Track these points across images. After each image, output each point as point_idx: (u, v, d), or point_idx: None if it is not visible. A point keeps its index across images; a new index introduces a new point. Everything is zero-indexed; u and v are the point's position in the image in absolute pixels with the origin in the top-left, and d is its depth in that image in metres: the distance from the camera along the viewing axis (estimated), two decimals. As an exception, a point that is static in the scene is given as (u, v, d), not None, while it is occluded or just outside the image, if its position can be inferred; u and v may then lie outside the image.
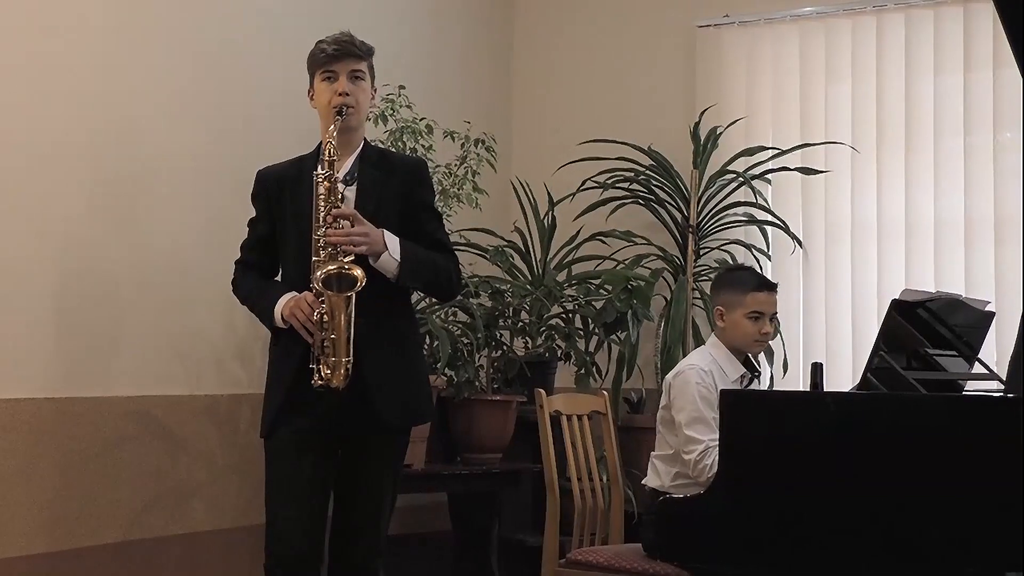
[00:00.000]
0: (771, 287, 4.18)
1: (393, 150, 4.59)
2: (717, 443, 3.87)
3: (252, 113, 4.83)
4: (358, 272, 3.41)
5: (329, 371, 3.43)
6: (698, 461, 3.95)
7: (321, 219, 3.45)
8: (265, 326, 3.64)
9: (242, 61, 4.82)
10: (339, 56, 3.58)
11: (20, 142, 4.06)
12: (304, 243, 3.50)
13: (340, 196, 3.48)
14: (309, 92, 3.66)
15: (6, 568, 3.95)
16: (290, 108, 4.74)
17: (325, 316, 3.42)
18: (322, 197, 3.47)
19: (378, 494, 3.60)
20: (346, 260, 3.43)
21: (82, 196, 4.24)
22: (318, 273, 3.42)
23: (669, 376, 4.16)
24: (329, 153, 3.48)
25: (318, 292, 3.43)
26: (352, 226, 3.45)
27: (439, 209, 4.04)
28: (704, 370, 4.05)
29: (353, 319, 3.42)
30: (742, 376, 4.14)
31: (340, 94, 3.54)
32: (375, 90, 3.73)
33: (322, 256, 3.44)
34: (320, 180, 3.48)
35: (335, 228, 3.44)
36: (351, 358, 3.42)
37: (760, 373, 4.38)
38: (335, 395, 3.45)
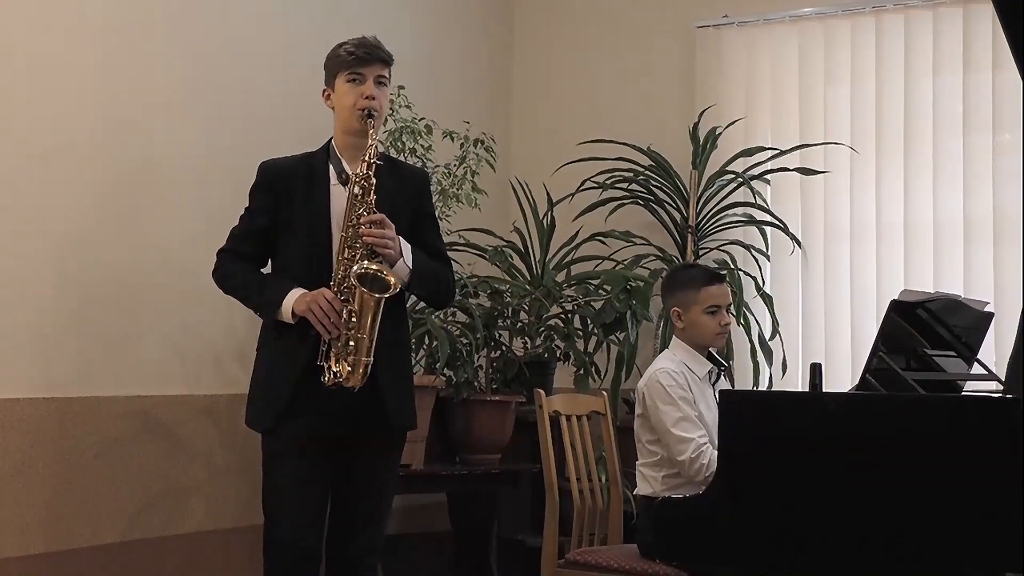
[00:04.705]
0: (721, 279, 4.17)
1: (399, 158, 4.58)
2: (706, 439, 3.88)
3: (252, 113, 4.82)
4: (392, 278, 3.44)
5: (349, 369, 3.43)
6: (693, 460, 3.86)
7: (355, 219, 3.47)
8: (263, 319, 3.63)
9: (242, 61, 4.82)
10: (368, 60, 3.59)
11: (20, 141, 4.06)
12: (318, 241, 3.51)
13: (373, 200, 3.49)
14: (325, 91, 3.65)
15: (4, 568, 3.94)
16: (290, 108, 4.75)
17: (353, 315, 3.43)
18: (357, 198, 3.48)
19: (378, 493, 3.61)
20: (375, 261, 3.45)
21: (81, 195, 4.24)
22: (354, 268, 3.43)
23: (640, 384, 4.09)
24: (369, 156, 3.49)
25: (346, 287, 3.43)
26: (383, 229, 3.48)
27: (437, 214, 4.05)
28: (674, 371, 4.01)
29: (379, 321, 3.43)
30: (709, 372, 4.11)
31: (367, 98, 3.55)
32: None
33: (348, 255, 3.46)
34: (357, 180, 3.50)
35: (367, 229, 3.45)
36: (371, 359, 3.43)
37: (726, 367, 4.36)
38: (346, 394, 3.45)
